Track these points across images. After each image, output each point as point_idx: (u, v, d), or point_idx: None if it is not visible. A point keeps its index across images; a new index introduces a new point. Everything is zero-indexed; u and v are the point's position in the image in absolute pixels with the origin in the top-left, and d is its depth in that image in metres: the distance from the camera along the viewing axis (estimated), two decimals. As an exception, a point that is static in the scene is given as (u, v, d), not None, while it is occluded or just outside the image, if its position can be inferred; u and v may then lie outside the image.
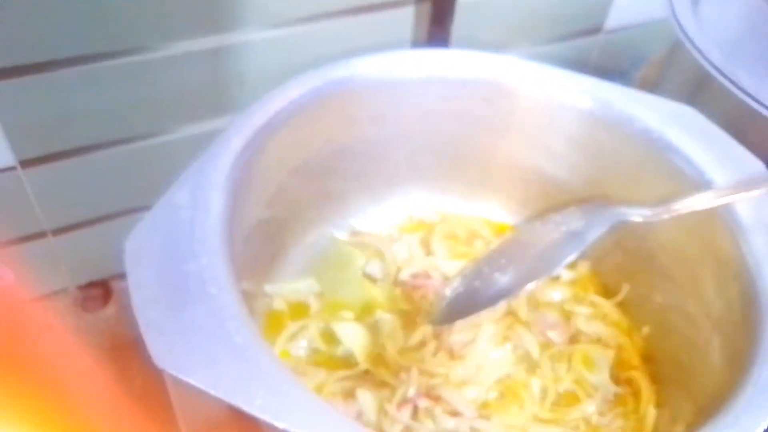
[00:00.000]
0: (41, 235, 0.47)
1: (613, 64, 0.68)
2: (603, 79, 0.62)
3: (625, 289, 0.41)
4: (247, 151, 0.32)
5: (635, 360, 0.39)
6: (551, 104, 0.38)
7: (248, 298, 0.28)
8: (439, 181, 0.42)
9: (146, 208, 0.50)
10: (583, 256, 0.39)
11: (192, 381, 0.22)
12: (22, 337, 0.17)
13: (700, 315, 0.34)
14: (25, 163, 0.43)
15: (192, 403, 0.38)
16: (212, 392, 0.22)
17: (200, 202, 0.28)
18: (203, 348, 0.24)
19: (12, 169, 0.43)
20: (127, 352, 0.48)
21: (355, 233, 0.43)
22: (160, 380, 0.38)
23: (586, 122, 0.37)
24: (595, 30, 0.64)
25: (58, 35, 0.39)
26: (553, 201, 0.40)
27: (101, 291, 0.53)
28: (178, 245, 0.26)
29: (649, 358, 0.39)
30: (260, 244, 0.36)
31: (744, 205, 0.33)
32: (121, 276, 0.54)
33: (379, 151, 0.40)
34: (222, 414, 0.38)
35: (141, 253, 0.26)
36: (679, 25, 0.43)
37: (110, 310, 0.51)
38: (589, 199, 0.38)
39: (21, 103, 0.41)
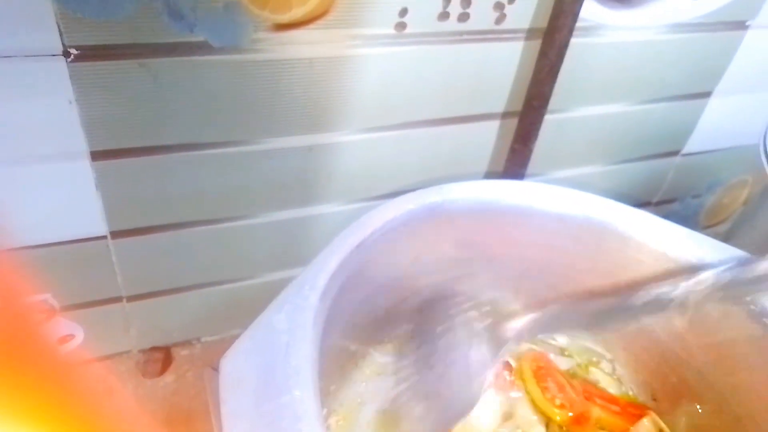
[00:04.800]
0: (117, 299, 0.49)
1: (688, 187, 0.68)
2: (676, 200, 0.62)
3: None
4: (342, 270, 0.33)
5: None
6: (646, 251, 0.38)
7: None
8: (517, 308, 0.42)
9: (218, 283, 0.52)
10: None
11: None
12: (82, 399, 0.18)
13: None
14: (116, 234, 0.45)
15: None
16: None
17: (297, 327, 0.29)
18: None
19: (102, 238, 0.45)
20: (179, 426, 0.49)
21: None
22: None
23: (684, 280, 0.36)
24: (674, 153, 0.64)
25: (171, 124, 0.41)
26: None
27: (162, 355, 0.54)
28: (274, 373, 0.27)
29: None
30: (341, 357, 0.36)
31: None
32: (183, 344, 0.55)
33: (461, 272, 0.40)
34: None
35: (237, 378, 0.27)
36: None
37: (169, 378, 0.52)
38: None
39: (124, 180, 0.43)
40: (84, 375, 0.19)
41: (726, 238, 0.76)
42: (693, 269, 0.36)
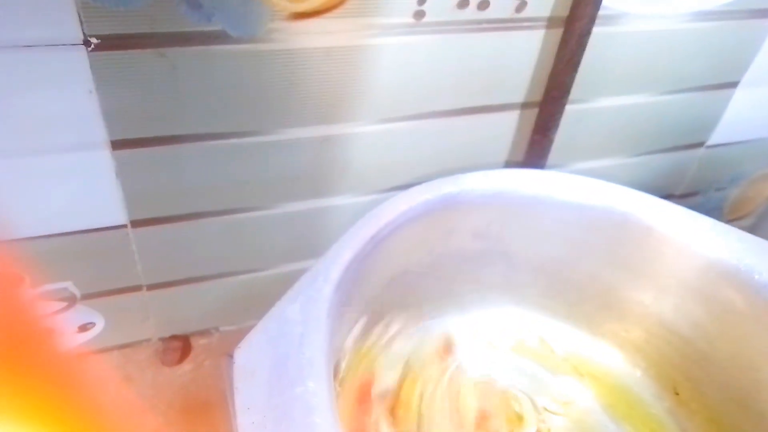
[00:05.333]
0: (137, 288, 0.50)
1: (712, 179, 0.67)
2: (699, 193, 0.61)
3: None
4: (356, 261, 0.33)
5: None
6: (666, 242, 0.37)
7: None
8: (534, 301, 0.42)
9: (235, 274, 0.52)
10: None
11: None
12: (100, 388, 0.18)
13: None
14: (136, 223, 0.46)
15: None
16: None
17: (311, 318, 0.29)
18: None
19: (123, 227, 0.46)
20: (197, 415, 0.49)
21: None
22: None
23: (708, 272, 0.35)
24: (698, 145, 0.63)
25: (188, 113, 0.41)
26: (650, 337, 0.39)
27: (181, 344, 0.55)
28: (288, 364, 0.27)
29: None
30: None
31: None
32: (201, 333, 0.56)
33: (476, 264, 0.40)
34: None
35: (251, 369, 0.27)
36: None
37: (187, 366, 0.53)
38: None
39: (143, 169, 0.43)
40: (101, 363, 0.19)
41: (751, 231, 0.74)
42: (717, 261, 0.35)
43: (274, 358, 0.28)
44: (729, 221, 0.73)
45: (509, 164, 0.55)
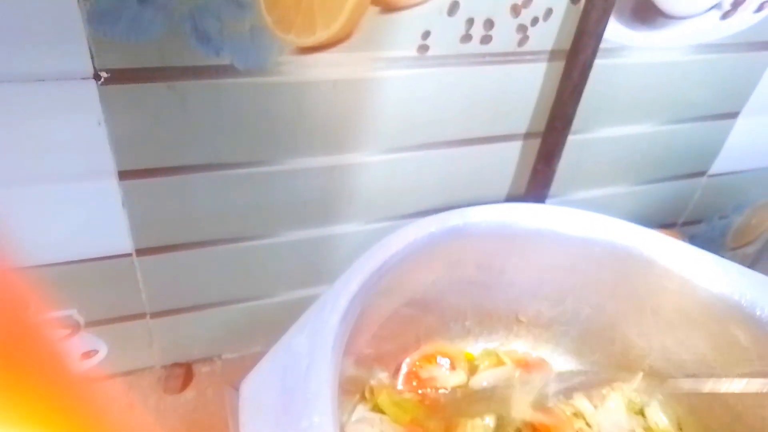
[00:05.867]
0: (141, 316, 0.50)
1: (715, 207, 0.67)
2: (702, 221, 0.61)
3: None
4: (362, 291, 0.33)
5: None
6: (671, 278, 0.37)
7: None
8: (537, 331, 0.42)
9: (240, 301, 0.52)
10: None
11: None
12: (104, 414, 0.18)
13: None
14: (141, 252, 0.46)
15: None
16: None
17: (317, 349, 0.29)
18: None
19: (128, 255, 0.46)
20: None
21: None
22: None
23: (711, 307, 0.35)
24: (700, 174, 0.63)
25: (197, 144, 0.42)
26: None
27: (183, 371, 0.55)
28: (294, 398, 0.27)
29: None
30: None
31: None
32: (204, 360, 0.56)
33: (480, 294, 0.40)
34: None
35: (257, 402, 0.27)
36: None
37: (189, 394, 0.53)
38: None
39: (149, 199, 0.44)
40: (105, 390, 0.19)
41: (755, 259, 0.74)
42: (720, 296, 0.35)
43: (281, 391, 0.28)
44: (732, 249, 0.73)
45: (512, 193, 0.55)
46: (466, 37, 0.44)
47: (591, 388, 0.40)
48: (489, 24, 0.44)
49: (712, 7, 0.50)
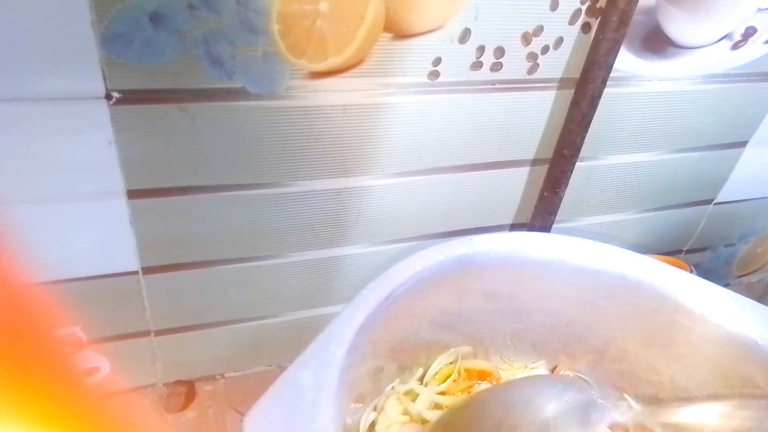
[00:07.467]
0: (145, 334, 0.50)
1: (721, 235, 0.67)
2: (708, 248, 0.61)
3: None
4: (368, 322, 0.33)
5: None
6: (683, 313, 0.37)
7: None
8: (546, 360, 0.41)
9: (244, 320, 0.52)
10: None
11: None
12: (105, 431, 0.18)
13: None
14: (147, 270, 0.46)
15: None
16: None
17: (323, 384, 0.29)
18: None
19: (134, 273, 0.46)
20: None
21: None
22: None
23: (725, 345, 0.35)
24: (707, 202, 0.63)
25: (206, 165, 0.42)
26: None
27: (186, 390, 0.54)
28: (299, 432, 0.27)
29: None
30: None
31: None
32: (207, 379, 0.55)
33: (487, 323, 0.40)
34: None
35: (263, 436, 0.27)
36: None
37: (191, 413, 0.53)
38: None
39: (157, 218, 0.43)
40: (107, 407, 0.19)
41: (765, 291, 0.74)
42: (735, 334, 0.35)
43: (286, 426, 0.27)
44: (738, 277, 0.73)
45: (518, 219, 0.55)
46: (477, 64, 0.44)
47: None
48: (500, 51, 0.44)
49: (722, 38, 0.50)
